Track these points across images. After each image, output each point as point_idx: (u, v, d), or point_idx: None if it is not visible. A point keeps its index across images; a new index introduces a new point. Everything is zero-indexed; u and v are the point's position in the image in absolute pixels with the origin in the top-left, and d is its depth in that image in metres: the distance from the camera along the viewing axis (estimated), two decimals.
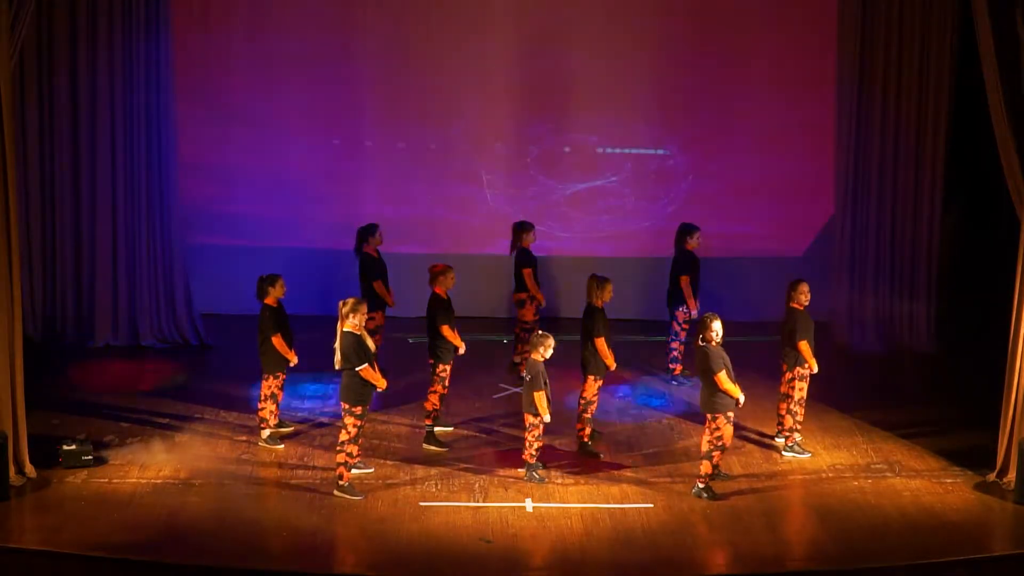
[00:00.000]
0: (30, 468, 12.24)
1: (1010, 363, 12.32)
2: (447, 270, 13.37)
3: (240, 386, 14.55)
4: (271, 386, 13.21)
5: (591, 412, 13.17)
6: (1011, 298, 12.35)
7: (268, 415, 13.21)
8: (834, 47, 16.59)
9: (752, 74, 17.17)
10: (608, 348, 13.00)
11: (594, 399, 13.13)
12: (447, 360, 13.19)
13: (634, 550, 11.16)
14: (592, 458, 12.97)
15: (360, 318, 11.99)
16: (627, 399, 14.61)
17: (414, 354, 15.20)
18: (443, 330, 13.12)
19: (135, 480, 12.30)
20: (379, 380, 12.02)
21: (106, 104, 15.79)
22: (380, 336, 14.72)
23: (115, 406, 14.09)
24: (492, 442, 13.40)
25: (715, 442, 12.06)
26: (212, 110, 16.91)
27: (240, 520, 11.55)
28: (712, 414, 12.05)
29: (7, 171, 11.91)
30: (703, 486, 12.12)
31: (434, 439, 13.19)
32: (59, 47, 15.64)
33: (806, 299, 13.14)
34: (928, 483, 12.54)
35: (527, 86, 17.20)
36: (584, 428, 13.13)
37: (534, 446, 12.39)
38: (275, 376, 13.20)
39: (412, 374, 14.69)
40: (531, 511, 11.81)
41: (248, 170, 17.08)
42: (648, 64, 17.18)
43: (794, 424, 13.13)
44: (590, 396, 13.08)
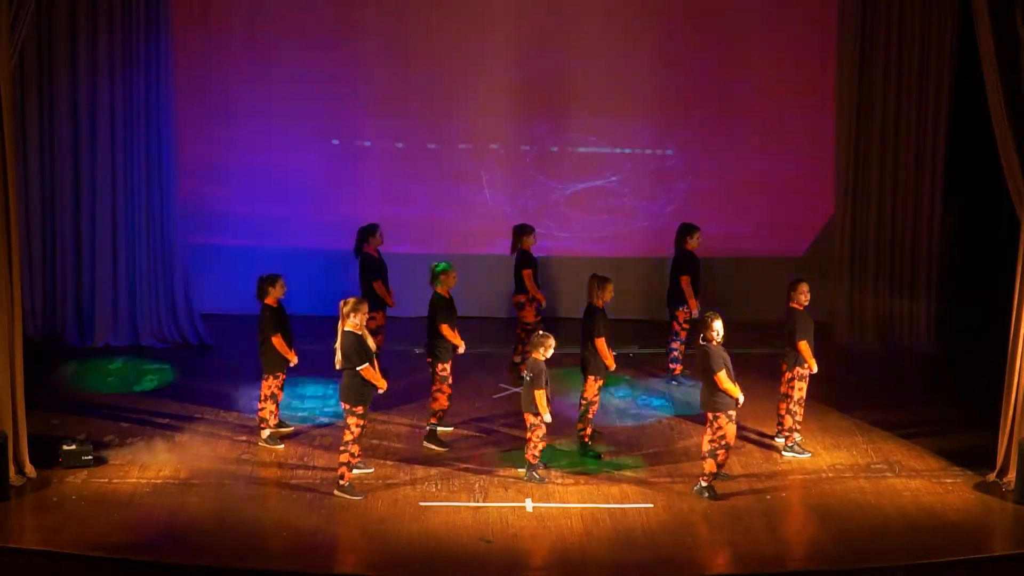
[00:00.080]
0: (30, 468, 12.24)
1: (1010, 363, 12.32)
2: (448, 269, 13.38)
3: (240, 386, 14.55)
4: (271, 386, 13.22)
5: (593, 412, 13.17)
6: (1011, 298, 12.35)
7: (268, 415, 13.22)
8: (834, 47, 16.58)
9: (752, 74, 17.16)
10: (608, 348, 13.00)
11: (595, 399, 13.14)
12: (446, 359, 13.18)
13: (634, 550, 11.16)
14: (593, 458, 12.98)
15: (361, 317, 11.99)
16: (627, 399, 14.61)
17: (414, 355, 15.22)
18: (442, 329, 13.12)
19: (135, 480, 12.30)
20: (379, 380, 12.03)
21: (106, 104, 15.78)
22: (383, 336, 14.72)
23: (115, 406, 14.10)
24: (492, 442, 13.40)
25: (718, 441, 12.06)
26: (212, 110, 16.90)
27: (240, 520, 11.55)
28: (713, 413, 12.06)
29: (7, 171, 11.91)
30: (705, 484, 12.12)
31: (435, 439, 13.19)
32: (59, 47, 15.63)
33: (806, 299, 13.14)
34: (928, 483, 12.54)
35: (527, 86, 17.19)
36: (585, 428, 13.13)
37: (538, 447, 12.40)
38: (275, 376, 13.21)
39: (412, 374, 14.70)
40: (531, 511, 11.81)
41: (248, 170, 17.06)
42: (648, 64, 17.17)
43: (794, 424, 13.13)
44: (591, 396, 13.09)
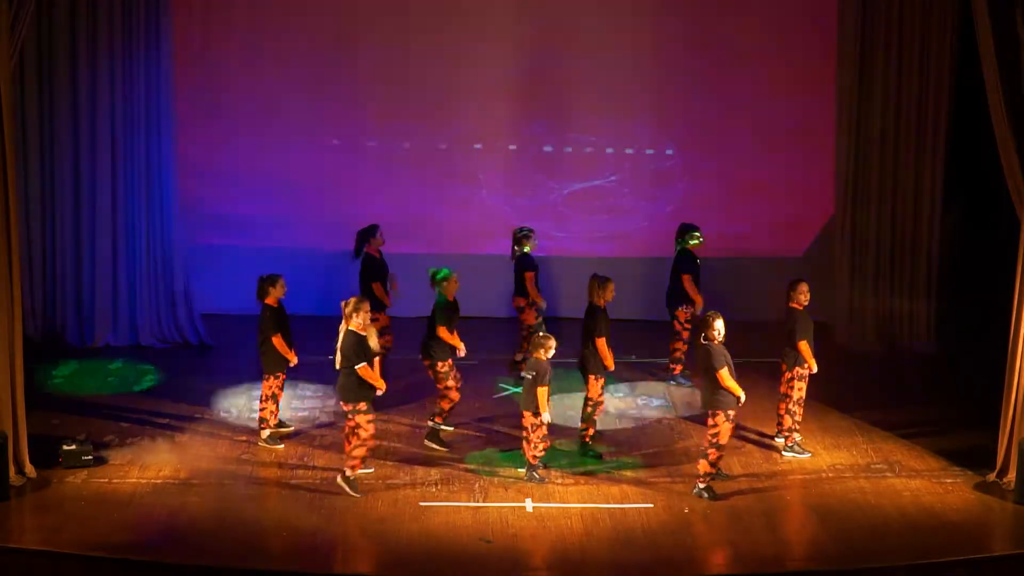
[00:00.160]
0: (30, 468, 12.24)
1: (1010, 363, 12.31)
2: (449, 276, 13.31)
3: (240, 386, 14.56)
4: (271, 386, 13.21)
5: (599, 412, 13.14)
6: (1011, 298, 12.34)
7: (268, 415, 13.22)
8: (834, 47, 16.58)
9: (752, 74, 17.15)
10: (608, 349, 12.99)
11: (601, 399, 13.09)
12: (444, 357, 13.14)
13: (634, 550, 11.16)
14: (593, 458, 12.97)
15: (364, 316, 11.98)
16: (627, 399, 14.60)
17: (415, 356, 15.19)
18: (440, 332, 13.07)
19: (135, 480, 12.30)
20: (377, 380, 12.01)
21: (106, 104, 15.78)
22: (391, 336, 14.71)
23: (115, 406, 14.10)
24: (492, 442, 13.40)
25: (710, 439, 12.06)
26: (212, 110, 16.91)
27: (240, 520, 11.55)
28: (712, 411, 12.06)
29: (7, 171, 11.91)
30: (703, 486, 12.11)
31: (437, 438, 13.17)
32: (59, 47, 15.64)
33: (806, 299, 13.13)
34: (928, 483, 12.54)
35: (527, 86, 17.19)
36: (589, 428, 13.10)
37: (539, 447, 12.39)
38: (275, 376, 13.20)
39: (412, 374, 14.68)
40: (531, 511, 11.81)
41: (248, 170, 17.07)
42: (647, 64, 17.17)
43: (793, 424, 13.12)
44: (596, 396, 13.04)
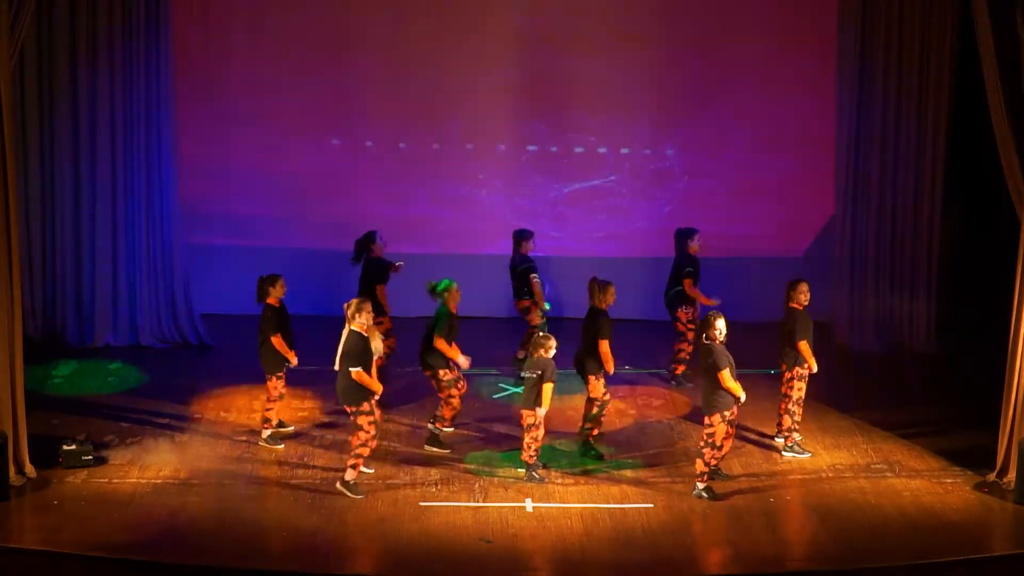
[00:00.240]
0: (30, 468, 12.24)
1: (1010, 363, 12.31)
2: (450, 286, 13.16)
3: (240, 386, 14.55)
4: (277, 387, 13.17)
5: (607, 410, 13.09)
6: (1011, 298, 12.34)
7: (273, 416, 13.19)
8: (834, 47, 16.57)
9: (752, 74, 17.16)
10: (610, 353, 12.94)
11: (607, 397, 13.03)
12: (444, 365, 13.08)
13: (634, 550, 11.16)
14: (594, 458, 12.96)
15: (367, 317, 11.94)
16: (627, 399, 14.59)
17: (415, 355, 15.17)
18: (437, 343, 12.96)
19: (135, 480, 12.30)
20: (373, 384, 11.96)
21: (106, 104, 15.78)
22: (394, 339, 14.69)
23: (115, 406, 14.10)
24: (492, 442, 13.39)
25: (706, 439, 12.05)
26: (212, 110, 16.92)
27: (240, 520, 11.55)
28: (709, 411, 12.06)
29: (7, 171, 11.91)
30: (703, 487, 12.10)
31: (437, 442, 13.15)
32: (59, 47, 15.64)
33: (806, 299, 13.13)
34: (928, 483, 12.54)
35: (526, 86, 17.19)
36: (594, 429, 13.05)
37: (532, 447, 12.39)
38: (278, 376, 13.16)
39: (412, 375, 14.67)
40: (531, 511, 11.81)
41: (248, 170, 17.08)
42: (647, 64, 17.17)
43: (793, 424, 13.12)
44: (600, 396, 12.98)
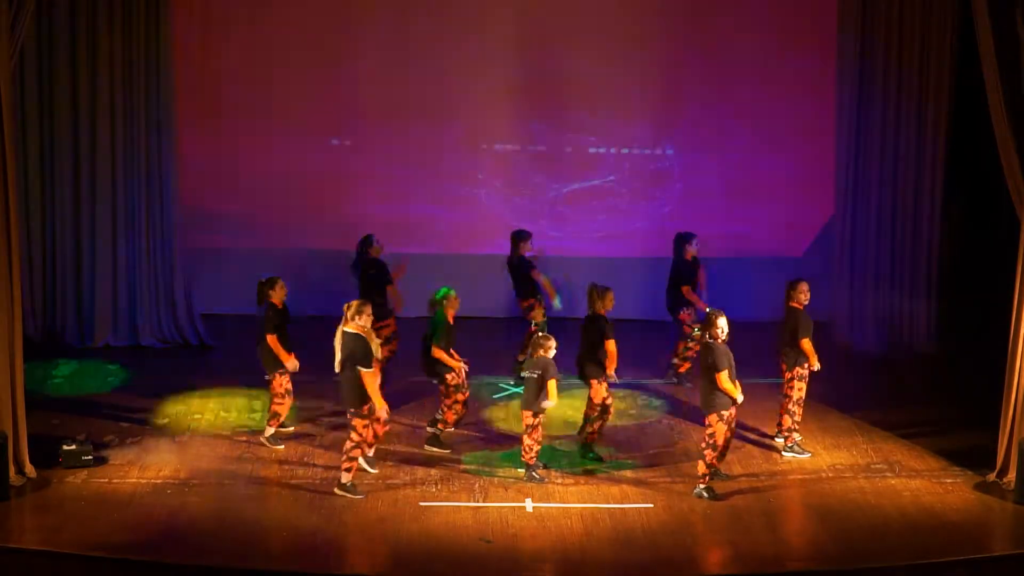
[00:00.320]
0: (30, 468, 12.24)
1: (1010, 363, 12.31)
2: (448, 294, 13.09)
3: (240, 386, 14.55)
4: (282, 383, 13.11)
5: (612, 413, 13.07)
6: (1011, 298, 12.34)
7: (283, 410, 13.10)
8: (834, 47, 16.57)
9: (752, 74, 17.15)
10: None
11: (610, 401, 12.94)
12: (448, 370, 13.03)
13: (634, 550, 11.16)
14: (593, 460, 12.94)
15: (366, 320, 11.91)
16: (627, 399, 14.59)
17: (415, 355, 15.17)
18: (435, 353, 12.90)
19: (135, 480, 12.30)
20: (376, 395, 11.86)
21: (106, 104, 15.79)
22: (396, 342, 14.66)
23: (115, 406, 14.10)
24: (492, 442, 13.39)
25: (707, 440, 12.05)
26: (212, 110, 16.91)
27: (240, 520, 11.55)
28: (707, 411, 12.07)
29: (7, 171, 11.90)
30: (703, 487, 12.10)
31: (438, 441, 13.15)
32: (59, 47, 15.64)
33: (805, 298, 13.13)
34: (928, 483, 12.54)
35: (526, 86, 17.19)
36: (594, 432, 12.98)
37: (534, 448, 12.39)
38: (280, 373, 13.11)
39: (412, 375, 14.66)
40: (531, 511, 11.81)
41: (248, 170, 17.07)
42: (647, 63, 17.17)
43: (793, 424, 13.12)
44: (603, 400, 12.88)
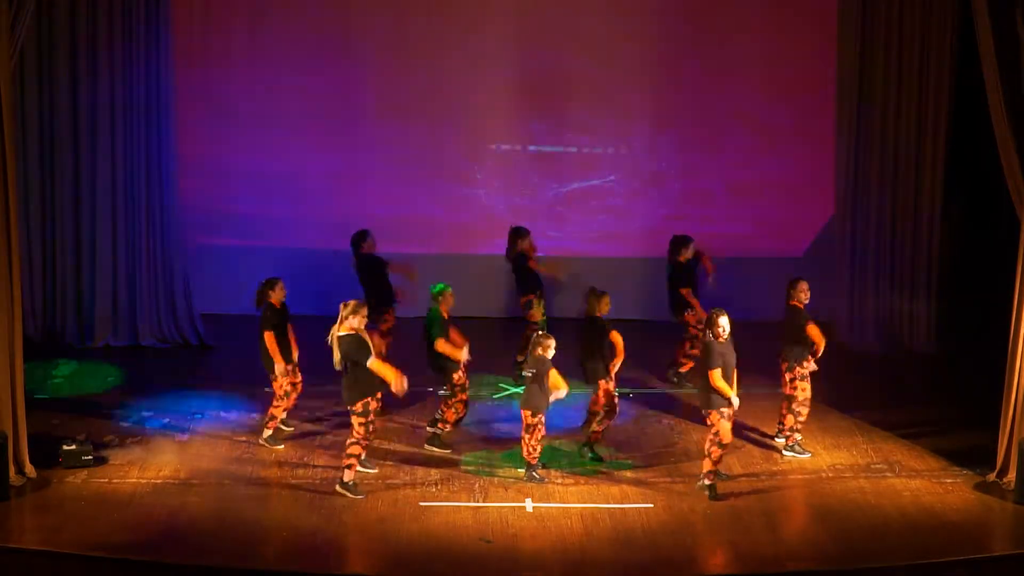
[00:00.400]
0: (30, 468, 12.24)
1: (1010, 363, 12.31)
2: (445, 290, 13.15)
3: (240, 386, 14.56)
4: (283, 384, 13.13)
5: (616, 413, 13.08)
6: (1011, 298, 12.34)
7: (280, 412, 13.15)
8: (834, 48, 16.57)
9: (752, 74, 17.15)
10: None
11: (615, 402, 12.93)
12: (456, 368, 13.05)
13: (634, 550, 11.16)
14: (593, 460, 12.94)
15: (361, 320, 11.92)
16: (627, 399, 14.58)
17: (416, 355, 15.17)
18: (438, 346, 12.90)
19: (135, 480, 12.30)
20: (389, 372, 11.86)
21: (106, 104, 15.79)
22: (391, 339, 14.65)
23: (115, 406, 14.10)
24: (492, 442, 13.39)
25: (712, 438, 12.06)
26: (212, 109, 16.93)
27: (240, 520, 11.55)
28: (705, 410, 12.08)
29: (7, 171, 11.90)
30: (708, 483, 12.11)
31: (438, 441, 13.16)
32: (59, 47, 15.64)
33: (805, 297, 13.14)
34: (928, 483, 12.54)
35: (525, 86, 17.20)
36: (596, 431, 12.98)
37: (537, 449, 12.39)
38: (281, 374, 13.10)
39: (411, 375, 14.65)
40: (531, 511, 11.81)
41: (248, 170, 17.08)
42: (647, 63, 17.17)
43: (796, 423, 13.10)
44: (609, 400, 12.85)
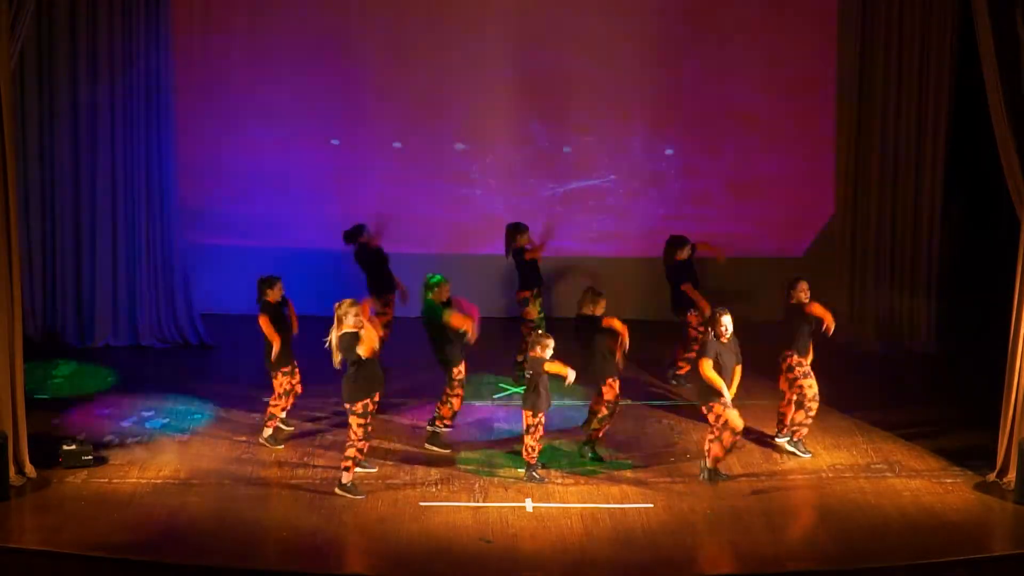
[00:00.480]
0: (30, 468, 12.24)
1: (1010, 363, 12.31)
2: (442, 281, 13.09)
3: (240, 386, 14.56)
4: (283, 384, 13.13)
5: (618, 412, 13.06)
6: (1011, 298, 12.34)
7: (279, 411, 13.14)
8: (834, 48, 16.58)
9: (752, 74, 17.13)
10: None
11: (619, 401, 12.91)
12: (458, 361, 13.05)
13: (634, 550, 11.16)
14: (593, 460, 12.93)
15: (356, 319, 11.92)
16: (625, 399, 14.57)
17: (415, 354, 15.18)
18: (451, 320, 12.77)
19: (135, 480, 12.30)
20: (374, 333, 11.88)
21: (106, 104, 15.79)
22: (388, 332, 14.65)
23: (115, 406, 14.09)
24: (492, 442, 13.39)
25: (721, 427, 12.06)
26: (212, 109, 16.92)
27: (240, 520, 11.55)
28: (705, 405, 12.08)
29: (7, 171, 11.90)
30: (712, 468, 12.14)
31: (438, 440, 13.16)
32: (59, 47, 15.64)
33: (806, 297, 13.15)
34: (928, 483, 12.54)
35: (524, 86, 17.18)
36: (599, 431, 12.97)
37: (536, 449, 12.39)
38: (283, 372, 13.10)
39: (412, 375, 14.69)
40: (531, 511, 11.81)
41: (248, 170, 17.07)
42: (646, 63, 17.15)
43: (805, 419, 13.00)
44: (614, 399, 12.83)
